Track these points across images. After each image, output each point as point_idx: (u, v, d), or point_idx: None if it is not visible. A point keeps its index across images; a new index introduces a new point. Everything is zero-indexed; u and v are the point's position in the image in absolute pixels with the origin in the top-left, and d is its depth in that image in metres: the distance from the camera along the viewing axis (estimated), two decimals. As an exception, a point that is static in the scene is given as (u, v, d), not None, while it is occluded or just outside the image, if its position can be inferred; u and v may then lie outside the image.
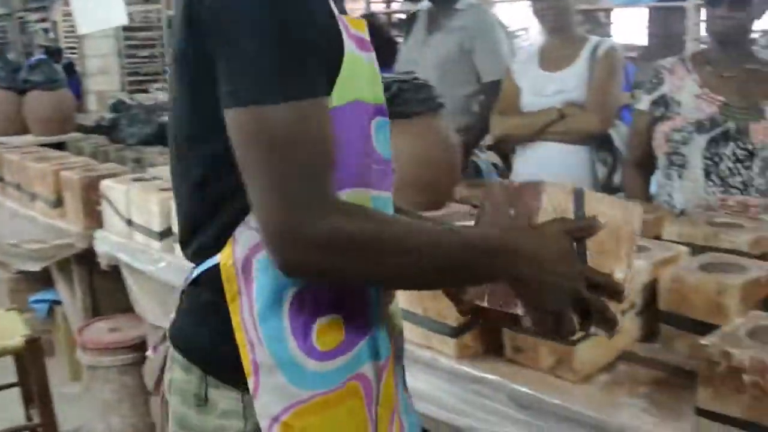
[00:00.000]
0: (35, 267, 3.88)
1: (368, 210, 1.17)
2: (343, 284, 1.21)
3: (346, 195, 1.18)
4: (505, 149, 3.61)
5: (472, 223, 1.33)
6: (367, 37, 1.24)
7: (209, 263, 1.22)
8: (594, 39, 3.20)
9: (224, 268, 1.20)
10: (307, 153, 1.08)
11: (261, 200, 1.08)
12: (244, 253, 1.19)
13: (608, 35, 7.39)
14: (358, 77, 1.20)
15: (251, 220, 1.16)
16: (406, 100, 2.28)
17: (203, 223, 1.23)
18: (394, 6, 9.78)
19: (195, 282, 1.26)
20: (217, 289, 1.20)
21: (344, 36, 1.18)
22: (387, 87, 2.29)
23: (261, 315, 1.19)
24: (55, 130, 4.51)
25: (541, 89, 3.15)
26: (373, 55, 1.26)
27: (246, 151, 1.09)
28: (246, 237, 1.18)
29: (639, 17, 7.99)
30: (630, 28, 8.41)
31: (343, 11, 1.22)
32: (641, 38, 8.02)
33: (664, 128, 2.67)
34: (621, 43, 7.92)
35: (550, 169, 3.06)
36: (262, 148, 1.08)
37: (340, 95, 1.16)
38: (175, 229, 2.65)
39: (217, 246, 1.21)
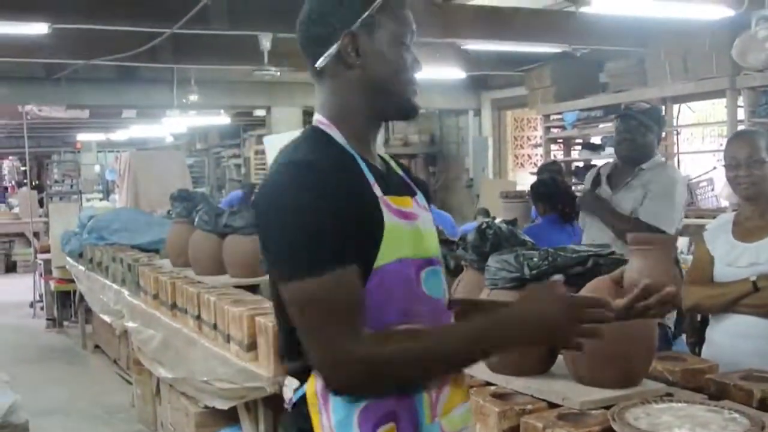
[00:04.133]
0: (224, 405, 4.05)
1: (400, 335, 1.56)
2: (384, 393, 1.59)
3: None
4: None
5: None
6: (410, 209, 1.69)
7: (300, 392, 1.64)
8: (791, 209, 3.12)
9: (309, 395, 1.61)
10: (336, 309, 1.51)
11: (309, 348, 1.54)
12: (321, 383, 1.59)
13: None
14: (399, 240, 1.62)
15: None
16: (602, 275, 2.29)
17: (294, 362, 1.65)
18: (574, 155, 9.84)
19: (295, 405, 1.66)
20: (306, 409, 1.61)
21: (384, 211, 1.61)
22: (584, 260, 2.32)
23: (337, 426, 1.58)
24: (250, 273, 4.75)
25: (734, 260, 3.08)
26: (418, 221, 1.69)
27: (293, 314, 1.56)
28: None
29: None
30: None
31: (389, 192, 1.65)
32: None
33: None
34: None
35: (746, 342, 2.97)
36: (299, 311, 1.55)
37: (385, 255, 1.59)
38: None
39: (305, 377, 1.62)
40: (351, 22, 1.67)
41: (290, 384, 1.74)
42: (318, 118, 1.74)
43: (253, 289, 4.61)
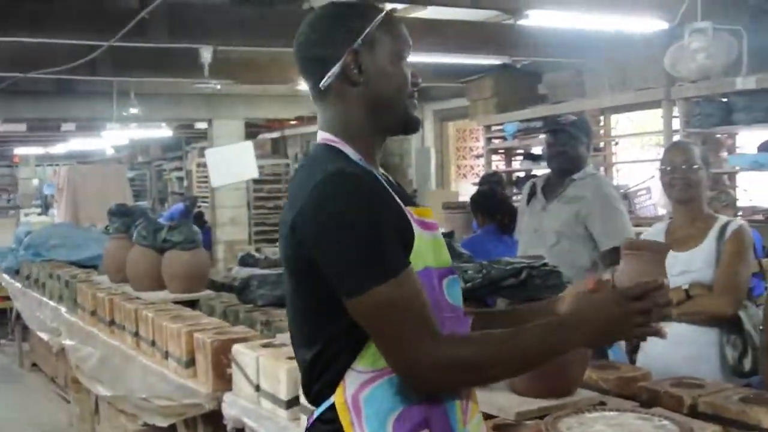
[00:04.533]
0: (163, 422, 3.99)
1: (474, 338, 1.63)
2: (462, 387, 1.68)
3: None
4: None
5: None
6: (429, 219, 1.71)
7: (326, 404, 1.64)
8: (722, 219, 3.19)
9: (339, 405, 1.62)
10: (411, 311, 1.55)
11: (390, 354, 1.56)
12: (352, 392, 1.62)
13: (734, 199, 7.29)
14: (424, 250, 1.65)
15: (357, 365, 1.61)
16: (535, 287, 2.32)
17: (320, 375, 1.65)
18: (515, 165, 9.94)
19: (317, 420, 1.67)
20: (335, 421, 1.62)
21: (412, 222, 1.64)
22: (517, 272, 2.35)
23: None
24: (189, 288, 4.71)
25: (667, 268, 3.13)
26: (437, 231, 1.73)
27: (370, 324, 1.56)
28: (352, 379, 1.62)
29: (765, 180, 7.90)
30: (757, 190, 8.30)
31: (408, 204, 1.69)
32: (767, 201, 7.90)
33: (798, 315, 2.60)
34: (747, 206, 7.86)
35: (679, 349, 3.02)
36: (378, 321, 1.55)
37: (413, 265, 1.60)
38: (303, 399, 2.73)
39: (332, 390, 1.62)
40: (352, 40, 1.69)
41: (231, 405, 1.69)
42: (326, 137, 1.74)
43: (191, 304, 4.57)
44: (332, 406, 1.63)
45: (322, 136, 1.75)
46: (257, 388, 3.09)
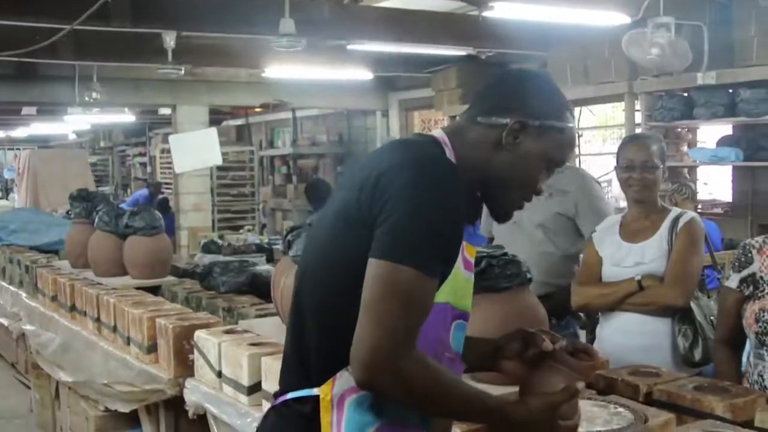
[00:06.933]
0: (124, 408, 3.99)
1: (438, 369, 1.54)
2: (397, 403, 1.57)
3: None
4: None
5: None
6: (472, 260, 1.71)
7: (306, 392, 1.59)
8: (675, 211, 3.23)
9: (323, 401, 1.56)
10: (414, 311, 1.49)
11: (368, 328, 1.47)
12: (341, 392, 1.56)
13: (694, 192, 7.37)
14: (454, 287, 1.63)
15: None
16: (494, 276, 2.35)
17: (314, 364, 1.60)
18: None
19: (291, 402, 1.62)
20: (310, 415, 1.57)
21: (459, 254, 1.63)
22: (477, 262, 2.37)
23: None
24: (151, 274, 4.70)
25: (620, 260, 3.19)
26: (471, 274, 1.72)
27: (372, 291, 1.48)
28: (345, 379, 1.55)
29: (724, 173, 8.04)
30: (716, 184, 8.44)
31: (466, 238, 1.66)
32: (726, 194, 8.04)
33: (753, 307, 2.65)
34: (707, 200, 7.98)
35: (632, 339, 3.08)
36: (385, 293, 1.47)
37: (440, 294, 1.58)
38: (265, 385, 2.76)
39: (319, 381, 1.57)
40: (536, 115, 1.69)
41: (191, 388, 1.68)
42: (444, 138, 1.71)
43: (153, 290, 4.56)
44: (313, 398, 1.58)
45: (442, 135, 1.72)
46: (219, 374, 3.11)
